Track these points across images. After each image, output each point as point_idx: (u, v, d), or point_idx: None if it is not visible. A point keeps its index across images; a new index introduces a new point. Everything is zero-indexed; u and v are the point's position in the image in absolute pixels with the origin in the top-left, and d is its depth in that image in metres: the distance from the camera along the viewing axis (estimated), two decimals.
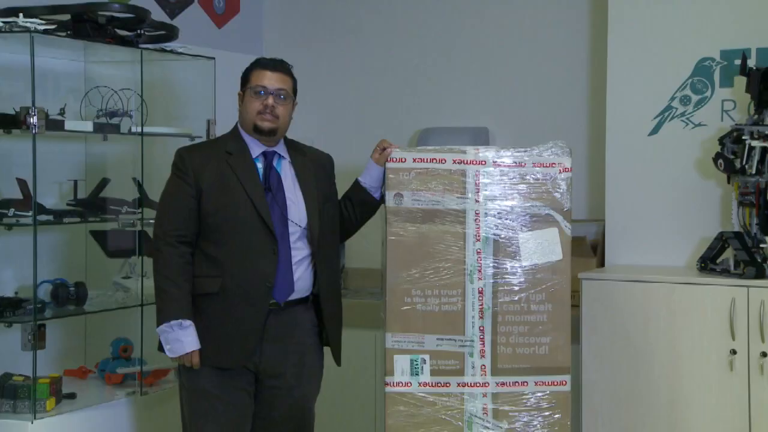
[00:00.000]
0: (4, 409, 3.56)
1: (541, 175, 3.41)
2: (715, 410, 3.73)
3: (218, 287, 3.20)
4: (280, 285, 3.25)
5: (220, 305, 3.21)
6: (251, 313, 3.21)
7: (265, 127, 3.29)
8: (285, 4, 5.40)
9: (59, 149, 4.11)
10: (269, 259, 3.22)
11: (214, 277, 3.22)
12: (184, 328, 3.18)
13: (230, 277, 3.21)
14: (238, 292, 3.20)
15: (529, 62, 4.86)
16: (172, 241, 3.21)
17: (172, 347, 3.20)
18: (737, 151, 3.81)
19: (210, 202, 3.24)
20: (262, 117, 3.28)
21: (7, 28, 3.57)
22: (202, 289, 3.22)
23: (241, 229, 3.22)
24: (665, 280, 3.82)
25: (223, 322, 3.21)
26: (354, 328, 4.51)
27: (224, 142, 3.36)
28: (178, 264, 3.20)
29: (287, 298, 3.28)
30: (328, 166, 3.52)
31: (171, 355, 3.22)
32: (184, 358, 3.21)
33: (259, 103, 3.28)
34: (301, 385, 3.35)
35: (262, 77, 3.30)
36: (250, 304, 3.21)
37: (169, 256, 3.20)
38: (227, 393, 3.25)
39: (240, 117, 3.36)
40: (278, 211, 3.27)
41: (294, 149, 3.43)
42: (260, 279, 3.21)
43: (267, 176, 3.31)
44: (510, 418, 3.37)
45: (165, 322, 3.19)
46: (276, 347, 3.27)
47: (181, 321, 3.18)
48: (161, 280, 3.21)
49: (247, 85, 3.32)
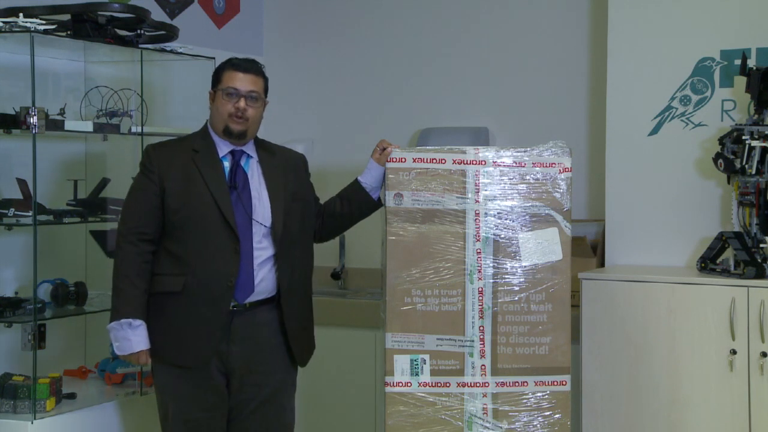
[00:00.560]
0: (4, 409, 3.56)
1: (541, 175, 3.41)
2: (715, 410, 3.73)
3: (181, 286, 3.21)
4: (241, 285, 3.25)
5: (182, 304, 3.22)
6: (213, 313, 3.22)
7: (235, 129, 3.29)
8: (285, 4, 5.40)
9: (59, 149, 4.12)
10: (231, 258, 3.22)
11: (176, 275, 3.22)
12: (133, 328, 3.19)
13: (192, 275, 3.21)
14: (199, 291, 3.21)
15: (529, 62, 4.86)
16: (132, 239, 3.21)
17: (120, 345, 3.22)
18: (737, 151, 3.81)
19: (173, 199, 3.23)
20: (233, 119, 3.28)
21: (7, 28, 3.57)
22: (164, 287, 3.23)
23: (203, 227, 3.22)
24: (665, 280, 3.82)
25: (185, 321, 3.22)
26: (354, 328, 4.53)
27: (192, 139, 3.36)
28: (137, 263, 3.21)
29: (248, 299, 3.28)
30: (300, 165, 3.51)
31: (119, 353, 3.24)
32: (132, 357, 3.22)
33: (231, 105, 3.27)
34: (271, 383, 3.35)
35: (234, 79, 3.29)
36: (211, 304, 3.21)
37: (128, 254, 3.21)
38: (198, 393, 3.26)
39: (211, 117, 3.36)
40: (242, 211, 3.26)
41: (263, 149, 3.41)
42: (221, 278, 3.21)
43: (233, 175, 3.30)
44: (510, 418, 3.37)
45: (115, 320, 3.20)
46: (243, 347, 3.28)
47: (131, 320, 3.19)
48: (118, 277, 3.22)
49: (218, 85, 3.31)
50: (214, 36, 5.05)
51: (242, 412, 3.34)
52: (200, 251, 3.22)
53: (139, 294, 3.21)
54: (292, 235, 3.35)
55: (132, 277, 3.20)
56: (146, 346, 3.23)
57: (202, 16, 5.01)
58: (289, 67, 5.31)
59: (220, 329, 3.23)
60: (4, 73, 3.87)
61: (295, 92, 5.28)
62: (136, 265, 3.21)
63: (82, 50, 4.05)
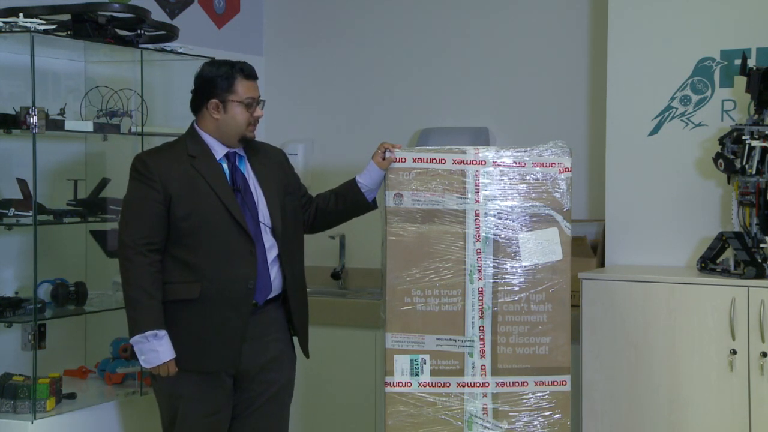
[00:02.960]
0: (4, 409, 3.56)
1: (541, 175, 3.41)
2: (715, 410, 3.73)
3: (197, 293, 3.18)
4: (260, 286, 3.25)
5: (199, 310, 3.20)
6: (233, 317, 3.21)
7: (251, 136, 3.31)
8: (285, 4, 5.40)
9: (59, 149, 4.12)
10: (248, 260, 3.22)
11: (190, 283, 3.20)
12: (159, 338, 3.17)
13: (210, 281, 3.19)
14: (219, 296, 3.19)
15: (529, 62, 4.86)
16: (141, 250, 3.17)
17: (147, 358, 3.18)
18: (737, 151, 3.81)
19: (181, 207, 3.20)
20: (251, 128, 3.30)
21: (7, 28, 3.57)
22: (177, 296, 3.20)
23: (216, 232, 3.21)
24: (665, 280, 3.82)
25: (205, 327, 3.20)
26: (354, 328, 4.53)
27: (184, 145, 3.31)
28: (150, 273, 3.17)
29: (266, 298, 3.29)
30: (283, 159, 3.51)
31: (146, 366, 3.21)
32: (160, 368, 3.19)
33: (249, 115, 3.27)
34: (279, 381, 3.36)
35: (250, 88, 3.28)
36: (232, 308, 3.20)
37: (140, 266, 3.17)
38: (207, 396, 3.26)
39: (220, 125, 3.28)
40: (249, 212, 3.27)
41: (248, 147, 3.39)
42: (241, 282, 3.21)
43: (234, 178, 3.30)
44: (510, 418, 3.38)
45: (139, 333, 3.16)
46: (254, 346, 3.28)
47: (156, 332, 3.16)
48: (132, 290, 3.17)
49: (231, 95, 3.26)
50: (214, 36, 5.05)
51: (247, 409, 3.34)
52: (215, 257, 3.20)
53: (156, 304, 3.17)
54: (290, 231, 3.36)
55: (147, 287, 3.16)
56: (173, 355, 3.19)
57: (202, 16, 5.01)
58: (289, 67, 5.30)
59: (241, 331, 3.23)
60: (4, 73, 3.87)
61: (295, 92, 5.27)
62: (150, 275, 3.17)
63: (82, 50, 4.05)
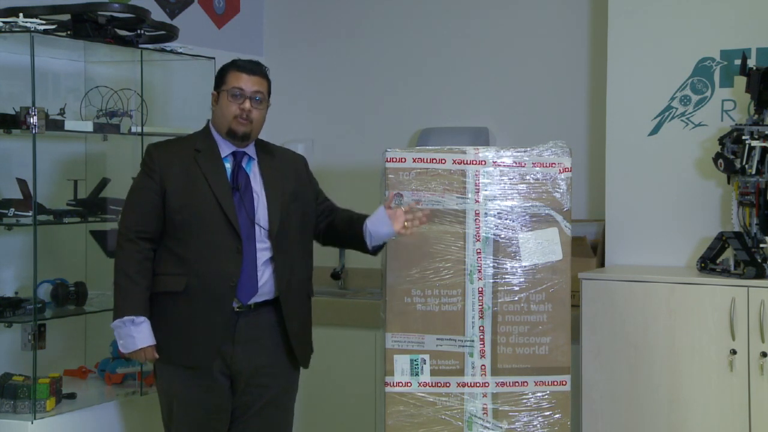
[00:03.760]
0: (4, 409, 3.56)
1: (541, 175, 3.41)
2: (715, 410, 3.73)
3: (183, 286, 3.21)
4: (244, 285, 3.24)
5: (184, 303, 3.21)
6: (215, 313, 3.21)
7: (240, 131, 3.28)
8: (285, 4, 5.40)
9: (59, 149, 4.12)
10: (233, 258, 3.22)
11: (179, 275, 3.22)
12: (136, 324, 3.19)
13: (196, 276, 3.21)
14: (202, 291, 3.20)
15: (529, 62, 4.86)
16: (132, 237, 3.21)
17: (125, 342, 3.21)
18: (737, 151, 3.81)
19: (176, 199, 3.23)
20: (238, 121, 3.27)
21: (7, 28, 3.57)
22: (166, 287, 3.23)
23: (206, 228, 3.22)
24: (665, 280, 3.82)
25: (188, 321, 3.22)
26: (354, 328, 4.54)
27: (194, 140, 3.34)
28: (137, 260, 3.21)
29: (251, 300, 3.27)
30: (300, 166, 3.49)
31: (123, 351, 3.23)
32: (137, 354, 3.21)
33: (236, 107, 3.26)
34: (276, 385, 3.34)
35: (240, 80, 3.27)
36: (214, 304, 3.21)
37: (128, 252, 3.21)
38: (202, 396, 3.26)
39: (214, 118, 3.34)
40: (245, 212, 3.26)
41: (263, 150, 3.40)
42: (223, 279, 3.21)
43: (235, 176, 3.30)
44: (510, 418, 3.38)
45: (118, 318, 3.20)
46: (247, 348, 3.27)
47: (133, 317, 3.18)
48: (119, 275, 3.22)
49: (222, 86, 3.29)
50: (214, 36, 5.05)
51: (245, 413, 3.34)
52: (202, 251, 3.21)
53: (140, 291, 3.21)
54: (290, 236, 3.34)
55: (132, 274, 3.20)
56: (150, 342, 3.21)
57: (202, 16, 5.01)
58: (289, 67, 5.30)
59: (223, 330, 3.23)
60: (4, 73, 3.87)
61: (295, 92, 5.28)
62: (137, 262, 3.21)
63: (82, 50, 4.05)
